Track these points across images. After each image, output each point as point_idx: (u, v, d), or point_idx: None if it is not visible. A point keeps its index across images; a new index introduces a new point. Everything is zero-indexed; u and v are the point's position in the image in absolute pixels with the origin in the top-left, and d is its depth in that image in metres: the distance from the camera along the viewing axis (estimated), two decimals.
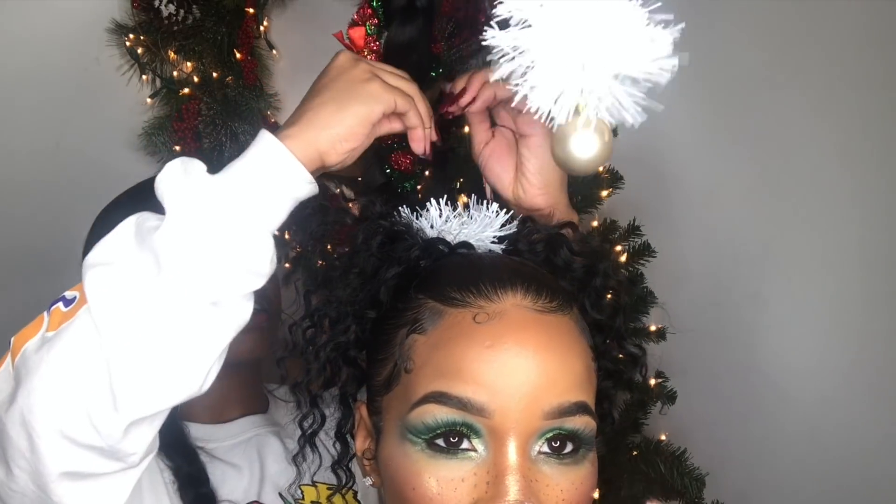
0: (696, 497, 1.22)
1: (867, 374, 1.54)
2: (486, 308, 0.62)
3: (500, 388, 0.60)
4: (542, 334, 0.62)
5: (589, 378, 0.64)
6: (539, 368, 0.60)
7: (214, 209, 0.66)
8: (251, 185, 0.68)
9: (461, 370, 0.61)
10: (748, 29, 1.46)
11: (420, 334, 0.64)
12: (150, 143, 1.44)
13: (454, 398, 0.60)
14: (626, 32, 0.60)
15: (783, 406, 1.58)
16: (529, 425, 0.60)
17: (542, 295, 0.64)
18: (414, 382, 0.63)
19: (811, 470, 1.57)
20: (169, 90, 1.44)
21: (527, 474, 0.59)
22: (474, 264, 0.68)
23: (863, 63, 1.45)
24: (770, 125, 1.49)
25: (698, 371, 1.53)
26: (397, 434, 0.63)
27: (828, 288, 1.53)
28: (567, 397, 0.61)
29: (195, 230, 0.65)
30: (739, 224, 1.53)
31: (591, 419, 0.62)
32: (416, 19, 0.80)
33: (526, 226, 0.73)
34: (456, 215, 0.73)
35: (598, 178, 1.22)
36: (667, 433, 1.29)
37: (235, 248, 0.66)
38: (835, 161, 1.49)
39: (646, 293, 1.28)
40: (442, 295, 0.64)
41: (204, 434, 0.99)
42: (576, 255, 0.71)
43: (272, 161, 0.69)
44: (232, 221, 0.66)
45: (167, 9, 1.37)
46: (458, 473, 0.60)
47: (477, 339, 0.61)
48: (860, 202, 1.50)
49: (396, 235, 0.70)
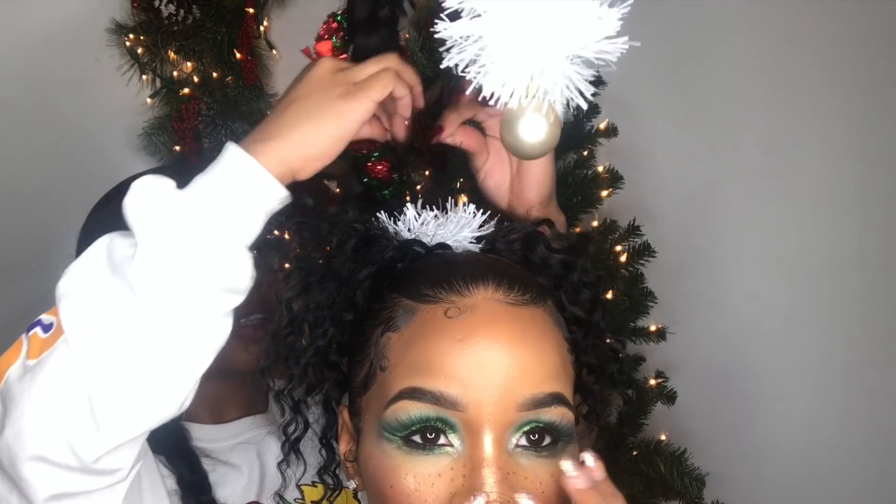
0: (696, 497, 1.22)
1: (866, 374, 1.54)
2: (457, 303, 0.63)
3: (472, 381, 0.60)
4: (514, 326, 0.62)
5: (564, 370, 0.64)
6: (512, 360, 0.60)
7: (187, 232, 0.64)
8: (224, 203, 0.65)
9: (433, 365, 0.61)
10: (748, 29, 1.46)
11: (394, 332, 0.65)
12: (150, 143, 1.44)
13: (427, 393, 0.60)
14: (574, 12, 0.60)
15: (783, 406, 1.58)
16: (504, 417, 0.60)
17: (514, 288, 0.64)
18: (389, 380, 0.63)
19: (811, 470, 1.57)
20: (169, 90, 1.44)
21: (504, 466, 0.59)
22: (448, 262, 0.68)
23: (863, 63, 1.45)
24: (770, 125, 1.49)
25: (698, 371, 1.54)
26: (375, 433, 0.63)
27: (827, 288, 1.53)
28: (542, 388, 0.61)
29: (169, 256, 0.64)
30: (739, 224, 1.53)
31: (567, 410, 0.62)
32: (379, 29, 0.82)
33: (504, 225, 0.73)
34: (433, 217, 0.73)
35: (598, 178, 1.22)
36: (667, 433, 1.29)
37: (212, 269, 0.64)
38: (834, 161, 1.49)
39: (646, 293, 1.28)
40: (415, 292, 0.65)
41: (204, 435, 0.99)
42: (553, 252, 0.71)
43: (245, 177, 0.67)
44: (206, 243, 0.64)
45: (167, 9, 1.37)
46: (434, 469, 0.60)
47: (448, 334, 0.61)
48: (860, 202, 1.50)
49: (371, 238, 0.71)
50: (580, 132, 1.23)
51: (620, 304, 1.24)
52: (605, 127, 1.24)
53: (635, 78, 1.43)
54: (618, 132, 1.26)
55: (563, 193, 1.22)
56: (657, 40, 1.46)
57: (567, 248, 0.72)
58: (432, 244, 0.71)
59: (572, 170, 1.23)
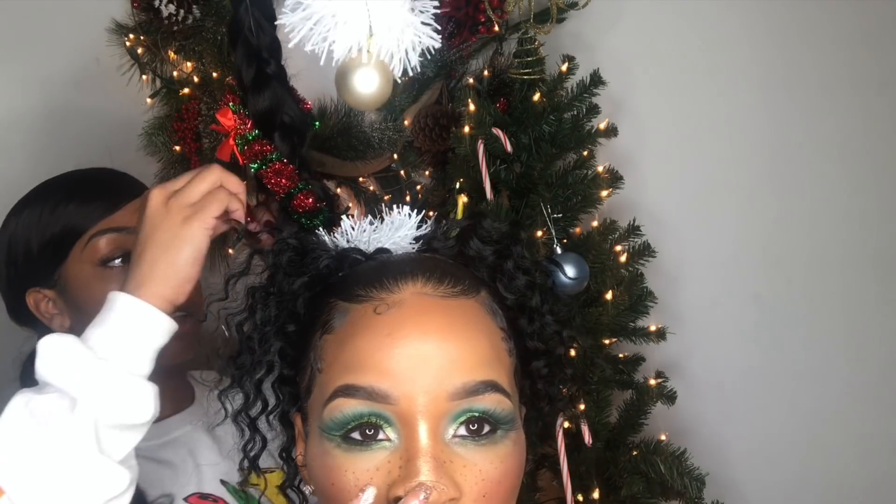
0: (696, 497, 1.22)
1: (866, 374, 1.54)
2: (386, 299, 0.65)
3: (402, 375, 0.61)
4: (442, 318, 0.64)
5: (497, 358, 0.65)
6: (440, 351, 0.62)
7: (102, 381, 0.73)
8: (125, 343, 0.75)
9: (364, 361, 0.62)
10: (748, 29, 1.46)
11: (329, 334, 0.67)
12: (150, 143, 1.44)
13: (359, 389, 0.62)
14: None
15: (783, 406, 1.58)
16: (437, 408, 0.61)
17: (444, 281, 0.66)
18: (325, 381, 0.65)
19: (811, 469, 1.57)
20: (169, 90, 1.44)
21: (439, 456, 0.61)
22: (381, 264, 0.71)
23: (862, 63, 1.45)
24: (770, 125, 1.49)
25: (698, 371, 1.54)
26: (317, 434, 0.65)
27: (827, 288, 1.53)
28: (472, 377, 0.62)
29: (94, 408, 0.72)
30: (739, 224, 1.53)
31: (503, 397, 0.63)
32: (268, 85, 0.86)
33: (440, 224, 0.76)
34: (367, 224, 0.75)
35: (598, 178, 1.22)
36: (667, 433, 1.29)
37: (124, 412, 0.73)
38: (834, 161, 1.49)
39: (646, 293, 1.28)
40: (348, 294, 0.67)
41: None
42: (486, 243, 0.73)
43: (138, 317, 0.76)
44: (116, 379, 0.73)
45: (167, 9, 1.37)
46: (373, 463, 0.61)
47: (377, 330, 0.63)
48: (860, 202, 1.50)
49: (306, 250, 0.73)
50: (580, 132, 1.23)
51: (620, 303, 1.24)
52: (605, 127, 1.24)
53: (635, 78, 1.43)
54: (618, 132, 1.26)
55: (563, 193, 1.22)
56: (657, 40, 1.46)
57: (500, 238, 0.73)
58: (371, 249, 0.73)
59: (572, 170, 1.23)
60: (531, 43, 1.21)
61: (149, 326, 0.76)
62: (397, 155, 1.38)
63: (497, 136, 1.19)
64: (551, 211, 1.18)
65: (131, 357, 0.75)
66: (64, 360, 0.73)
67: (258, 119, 0.87)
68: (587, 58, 1.25)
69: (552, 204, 1.19)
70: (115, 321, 0.76)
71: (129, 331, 0.75)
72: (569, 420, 1.18)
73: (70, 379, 0.72)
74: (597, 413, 1.23)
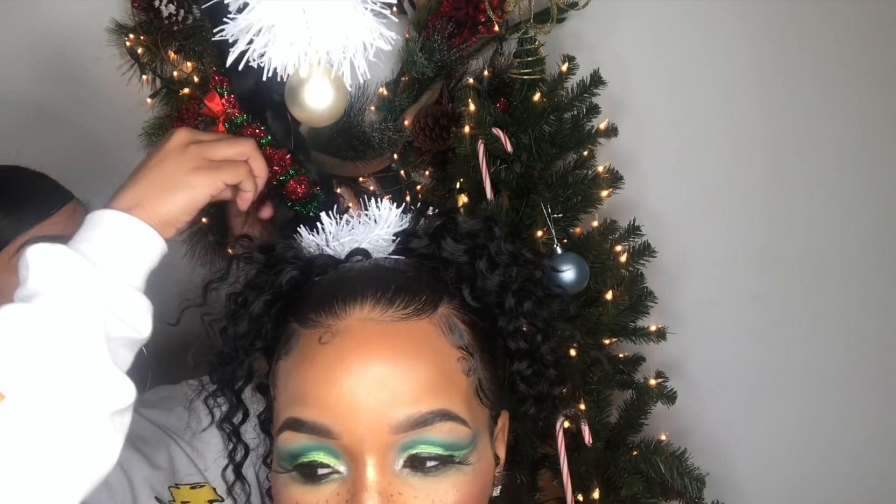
0: (696, 497, 1.22)
1: (866, 374, 1.54)
2: (332, 327, 0.62)
3: (342, 409, 0.59)
4: (385, 348, 0.61)
5: (450, 382, 0.62)
6: (380, 384, 0.60)
7: (89, 283, 0.69)
8: (119, 257, 0.71)
9: (306, 395, 0.61)
10: (748, 29, 1.46)
11: (284, 359, 0.65)
12: (150, 143, 1.44)
13: (304, 423, 0.60)
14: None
15: (782, 406, 1.58)
16: (381, 441, 0.59)
17: (394, 302, 0.63)
18: (277, 409, 0.64)
19: (811, 469, 1.57)
20: (169, 90, 1.44)
21: (386, 489, 0.59)
22: (336, 281, 0.68)
23: (862, 64, 1.45)
24: (770, 125, 1.49)
25: (698, 371, 1.54)
26: (276, 463, 0.64)
27: (827, 287, 1.53)
28: (417, 408, 0.60)
29: (101, 316, 0.68)
30: (739, 224, 1.53)
31: (455, 425, 0.61)
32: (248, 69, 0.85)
33: (418, 221, 0.72)
34: (344, 223, 0.73)
35: (598, 178, 1.22)
36: (667, 433, 1.29)
37: (127, 323, 0.70)
38: (834, 161, 1.49)
39: (646, 293, 1.28)
40: (302, 317, 0.65)
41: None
42: (459, 242, 0.69)
43: (130, 232, 0.73)
44: (106, 291, 0.69)
45: (167, 9, 1.37)
46: (322, 496, 0.60)
47: (318, 361, 0.61)
48: (859, 202, 1.50)
49: (271, 264, 0.71)
50: (580, 132, 1.23)
51: (620, 303, 1.24)
52: (605, 127, 1.24)
53: (635, 78, 1.43)
54: (618, 132, 1.25)
55: (563, 193, 1.22)
56: (657, 40, 1.46)
57: (472, 235, 0.70)
58: (347, 251, 0.71)
59: (572, 170, 1.23)
60: (531, 43, 1.21)
61: (142, 242, 0.73)
62: (397, 155, 1.38)
63: (497, 136, 1.19)
64: (551, 211, 1.18)
65: (126, 268, 0.71)
66: (62, 270, 0.68)
67: (244, 100, 0.84)
68: (587, 58, 1.25)
69: (552, 204, 1.19)
70: (103, 235, 0.72)
71: (122, 244, 0.72)
72: (569, 420, 1.18)
73: (71, 288, 0.67)
74: (597, 413, 1.23)
